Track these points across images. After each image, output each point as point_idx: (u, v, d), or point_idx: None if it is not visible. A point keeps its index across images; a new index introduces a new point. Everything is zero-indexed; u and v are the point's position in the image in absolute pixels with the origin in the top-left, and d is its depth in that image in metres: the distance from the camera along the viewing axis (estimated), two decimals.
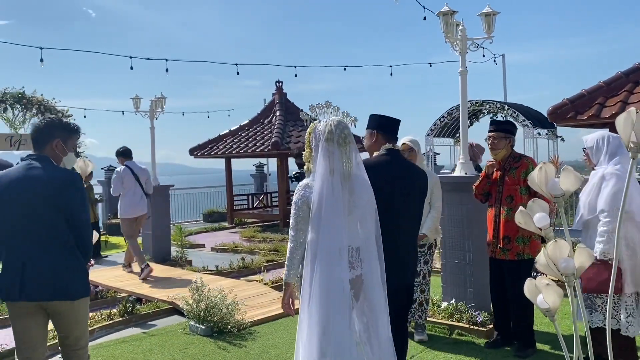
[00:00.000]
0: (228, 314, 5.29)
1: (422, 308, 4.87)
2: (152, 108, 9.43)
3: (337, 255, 2.81)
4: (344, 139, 2.92)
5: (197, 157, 15.49)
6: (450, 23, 5.13)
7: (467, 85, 5.24)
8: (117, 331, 5.50)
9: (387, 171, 3.34)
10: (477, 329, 4.87)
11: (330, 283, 2.78)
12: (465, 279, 5.16)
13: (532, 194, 4.32)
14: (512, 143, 4.57)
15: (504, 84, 14.56)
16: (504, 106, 11.82)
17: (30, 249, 2.97)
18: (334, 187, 2.86)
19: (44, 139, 3.15)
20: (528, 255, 4.40)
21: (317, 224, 2.84)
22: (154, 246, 9.48)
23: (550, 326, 5.15)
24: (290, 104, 15.56)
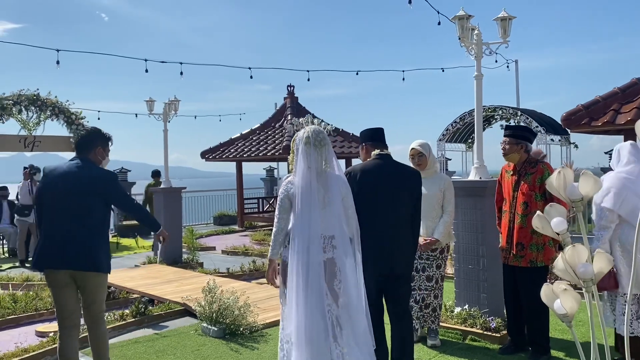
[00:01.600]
0: (240, 316, 5.30)
1: (435, 313, 4.83)
2: (165, 111, 9.49)
3: (309, 240, 3.35)
4: (319, 142, 3.47)
5: (209, 160, 15.55)
6: (465, 27, 5.11)
7: (482, 90, 5.23)
8: (130, 332, 5.53)
9: (372, 173, 3.82)
10: (490, 334, 4.84)
11: (304, 263, 3.33)
12: (478, 285, 5.13)
13: (547, 200, 4.30)
14: (527, 149, 4.52)
15: (517, 89, 14.49)
16: (517, 112, 11.77)
17: (71, 228, 3.68)
18: (310, 182, 3.41)
19: (88, 146, 3.94)
20: (541, 262, 4.37)
21: (296, 213, 3.42)
22: (165, 248, 9.51)
23: (565, 333, 5.10)
24: (302, 108, 15.61)
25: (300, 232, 3.38)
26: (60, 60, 8.94)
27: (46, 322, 5.97)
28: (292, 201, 3.45)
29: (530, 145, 4.60)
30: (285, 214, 3.49)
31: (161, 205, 9.66)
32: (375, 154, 3.95)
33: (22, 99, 13.10)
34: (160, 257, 6.80)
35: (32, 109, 13.34)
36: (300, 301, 3.30)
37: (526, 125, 11.11)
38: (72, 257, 3.67)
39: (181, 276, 7.85)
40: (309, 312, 3.29)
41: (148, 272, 8.23)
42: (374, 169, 3.86)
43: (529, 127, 6.51)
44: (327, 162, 3.48)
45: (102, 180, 3.82)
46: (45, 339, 5.03)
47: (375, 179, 3.82)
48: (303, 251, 3.35)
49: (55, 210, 3.73)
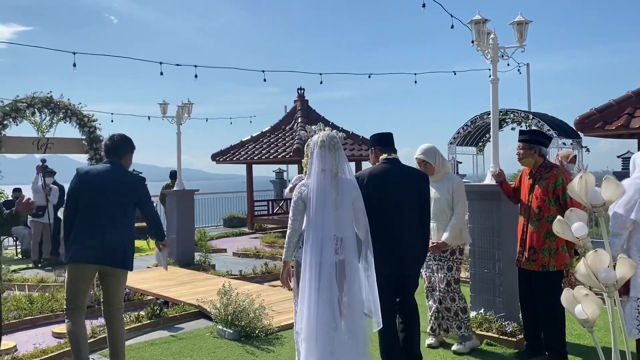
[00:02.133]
0: (255, 318, 5.32)
1: (458, 317, 4.75)
2: (179, 113, 9.54)
3: (322, 242, 3.52)
4: (333, 146, 3.67)
5: (220, 163, 15.60)
6: (482, 32, 5.12)
7: (498, 94, 5.23)
8: (145, 333, 5.56)
9: (380, 176, 4.02)
10: (506, 339, 4.83)
11: (317, 263, 3.50)
12: (494, 289, 5.13)
13: (561, 205, 4.31)
14: (541, 153, 4.52)
15: (528, 93, 14.45)
16: (529, 115, 11.74)
17: (108, 226, 4.01)
18: (324, 184, 3.59)
19: (121, 151, 4.27)
20: (553, 267, 4.35)
21: (310, 215, 3.60)
22: (177, 250, 9.56)
23: (582, 338, 5.09)
24: (312, 111, 15.64)
25: (314, 233, 3.54)
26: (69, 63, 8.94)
27: (62, 323, 6.01)
28: (305, 203, 3.63)
29: (545, 149, 4.59)
30: (299, 215, 3.68)
31: (174, 207, 9.71)
32: (383, 158, 4.13)
33: (36, 101, 13.22)
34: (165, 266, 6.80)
35: (45, 112, 13.47)
36: (313, 300, 3.47)
37: (538, 129, 11.09)
38: (108, 254, 4.02)
39: (194, 278, 7.89)
40: (320, 311, 3.46)
41: (161, 274, 8.27)
42: (381, 173, 4.05)
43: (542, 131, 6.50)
44: (340, 166, 3.67)
45: (136, 183, 4.24)
46: (63, 340, 5.07)
47: (383, 183, 4.00)
48: (317, 252, 3.51)
49: (92, 208, 4.03)
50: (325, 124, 15.31)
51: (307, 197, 3.61)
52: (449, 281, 4.75)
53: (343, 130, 15.13)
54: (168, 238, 9.99)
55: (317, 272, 3.49)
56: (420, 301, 4.53)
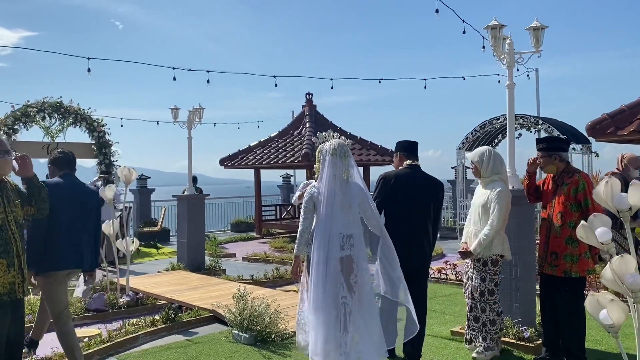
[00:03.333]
0: (271, 323, 5.32)
1: (485, 329, 4.67)
2: (190, 118, 9.58)
3: (329, 239, 3.89)
4: (344, 154, 4.02)
5: (228, 168, 15.64)
6: (498, 37, 5.13)
7: (514, 98, 5.24)
8: (160, 338, 5.56)
9: (404, 179, 4.46)
10: (524, 344, 4.82)
11: (324, 258, 3.87)
12: (511, 294, 5.11)
13: (583, 211, 4.29)
14: (561, 158, 4.51)
15: (537, 98, 14.44)
16: (538, 121, 11.73)
17: (81, 234, 4.40)
18: (335, 188, 3.95)
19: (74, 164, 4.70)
20: (576, 273, 4.33)
21: (319, 215, 3.96)
22: (188, 255, 9.58)
23: (599, 344, 5.07)
24: (320, 116, 15.67)
25: (322, 231, 3.93)
26: (80, 67, 9.03)
27: (77, 327, 6.01)
28: (315, 204, 4.00)
29: (565, 154, 4.58)
30: (309, 214, 4.04)
31: (184, 212, 9.73)
32: (407, 164, 4.57)
33: (46, 106, 13.31)
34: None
35: (55, 117, 13.55)
36: (319, 290, 3.86)
37: (549, 134, 11.07)
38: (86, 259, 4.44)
39: (206, 283, 7.90)
40: (326, 301, 3.85)
41: (172, 279, 8.28)
42: (406, 176, 4.50)
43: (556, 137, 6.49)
44: (350, 171, 4.02)
45: (97, 193, 4.92)
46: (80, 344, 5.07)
47: (406, 185, 4.44)
48: (324, 247, 3.90)
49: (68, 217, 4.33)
50: (333, 129, 15.37)
51: (318, 198, 3.98)
52: (482, 291, 4.66)
53: (351, 136, 15.17)
54: (178, 243, 10.07)
55: (324, 266, 3.89)
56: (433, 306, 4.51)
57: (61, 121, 13.64)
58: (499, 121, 12.13)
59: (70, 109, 13.58)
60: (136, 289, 7.17)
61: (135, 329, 5.50)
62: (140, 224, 14.74)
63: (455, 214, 14.33)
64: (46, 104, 13.26)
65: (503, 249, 4.65)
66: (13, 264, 3.33)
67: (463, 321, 5.73)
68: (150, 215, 15.53)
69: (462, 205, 13.31)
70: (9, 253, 3.31)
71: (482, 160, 4.65)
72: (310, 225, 4.04)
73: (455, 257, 9.95)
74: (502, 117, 12.06)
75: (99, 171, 13.29)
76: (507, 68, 5.23)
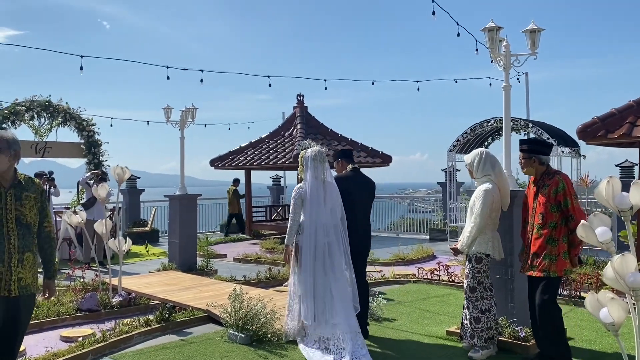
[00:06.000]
0: (267, 322, 5.30)
1: (471, 326, 4.77)
2: (182, 118, 9.52)
3: (316, 228, 4.95)
4: (322, 159, 5.09)
5: (218, 168, 15.58)
6: (494, 39, 5.18)
7: (510, 100, 5.28)
8: (155, 338, 5.51)
9: (352, 180, 5.41)
10: (520, 343, 4.84)
11: (313, 244, 4.95)
12: (506, 294, 5.15)
13: (562, 211, 4.36)
14: (541, 161, 4.54)
15: (527, 101, 14.59)
16: (528, 124, 11.84)
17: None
18: (317, 187, 5.01)
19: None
20: (554, 273, 4.36)
21: (306, 210, 4.99)
22: (180, 255, 9.52)
23: (592, 343, 5.12)
24: (311, 117, 15.68)
25: (310, 222, 4.95)
26: (69, 67, 8.95)
27: (69, 327, 5.97)
28: (303, 200, 4.99)
29: (545, 157, 4.57)
30: (298, 210, 5.05)
31: (177, 212, 9.67)
32: (351, 167, 5.52)
33: (35, 105, 13.18)
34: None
35: (44, 115, 13.42)
36: (309, 270, 4.93)
37: (537, 137, 11.17)
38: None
39: (199, 283, 7.85)
40: (316, 278, 4.91)
41: (164, 279, 8.22)
42: (353, 178, 5.45)
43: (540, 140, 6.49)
44: (326, 173, 5.05)
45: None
46: (73, 344, 5.02)
47: (355, 184, 5.40)
48: (312, 235, 4.94)
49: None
50: (324, 130, 15.38)
51: (304, 196, 4.98)
52: (466, 289, 4.79)
53: (342, 137, 15.20)
54: (170, 243, 10.00)
55: (314, 251, 4.94)
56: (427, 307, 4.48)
57: (50, 120, 13.52)
58: (490, 124, 12.23)
59: (59, 108, 13.46)
60: (128, 289, 7.11)
61: (130, 329, 5.45)
62: (129, 224, 14.62)
63: (445, 216, 14.40)
64: (35, 103, 13.13)
65: (487, 248, 4.74)
66: (2, 260, 3.27)
67: (457, 321, 5.77)
68: (140, 216, 15.42)
69: (452, 208, 13.38)
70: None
71: (474, 162, 4.79)
72: (299, 219, 5.01)
73: (447, 258, 10.02)
74: (492, 119, 12.16)
75: (89, 169, 13.16)
76: (504, 70, 5.28)
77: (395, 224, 18.12)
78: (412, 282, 8.23)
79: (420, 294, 7.47)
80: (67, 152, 13.94)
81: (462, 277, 7.86)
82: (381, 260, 10.28)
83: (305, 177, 5.02)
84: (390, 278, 8.38)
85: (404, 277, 8.46)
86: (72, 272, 7.56)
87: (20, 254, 3.33)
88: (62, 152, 13.81)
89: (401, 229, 17.04)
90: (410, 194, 38.00)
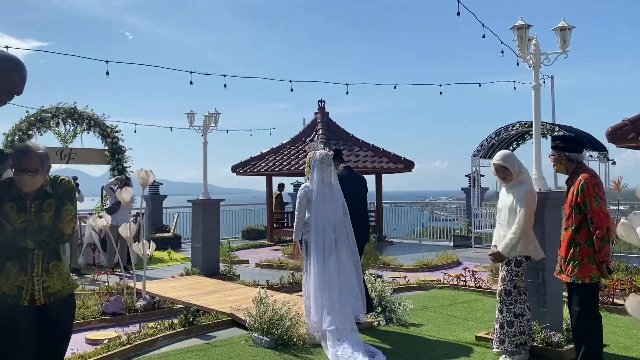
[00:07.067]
0: (292, 326, 5.23)
1: (503, 331, 4.61)
2: (205, 123, 9.55)
3: (323, 225, 5.28)
4: (328, 162, 5.42)
5: (240, 174, 15.61)
6: (524, 37, 5.07)
7: (540, 99, 5.17)
8: (179, 341, 5.47)
9: (347, 177, 5.91)
10: (552, 349, 4.70)
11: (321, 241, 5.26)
12: (538, 299, 5.00)
13: (584, 214, 4.12)
14: (570, 159, 4.31)
15: (553, 105, 14.35)
16: (554, 127, 11.63)
17: None
18: (324, 188, 5.35)
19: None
20: (578, 279, 4.13)
21: (312, 209, 5.32)
22: (203, 260, 9.51)
23: (629, 350, 4.95)
24: (332, 123, 15.64)
25: (316, 220, 5.27)
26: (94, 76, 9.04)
27: (94, 330, 5.97)
28: (309, 200, 5.32)
29: (575, 155, 4.33)
30: (303, 208, 5.37)
31: (200, 217, 9.68)
32: (343, 166, 6.14)
33: (60, 111, 13.34)
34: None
35: (69, 122, 13.58)
36: (319, 265, 5.19)
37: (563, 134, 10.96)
38: None
39: (222, 287, 7.82)
40: (325, 273, 5.18)
41: (187, 283, 8.21)
42: (348, 175, 5.99)
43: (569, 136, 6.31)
44: (332, 175, 5.42)
45: None
46: (99, 346, 5.01)
47: (351, 180, 5.93)
48: (320, 232, 5.26)
49: None
50: (345, 136, 15.33)
51: (311, 195, 5.32)
52: (500, 291, 4.63)
53: (363, 143, 15.12)
54: (194, 247, 10.01)
55: (322, 245, 5.23)
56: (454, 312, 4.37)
57: (75, 127, 13.68)
58: (515, 128, 12.05)
59: (84, 115, 13.61)
60: (152, 292, 7.10)
61: (154, 332, 5.43)
62: (152, 230, 14.70)
63: (469, 223, 14.19)
64: (60, 110, 13.29)
65: (529, 250, 4.59)
66: (25, 270, 3.21)
67: (486, 326, 5.64)
68: (162, 222, 15.50)
69: (477, 214, 13.17)
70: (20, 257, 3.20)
71: (513, 162, 4.63)
72: (304, 216, 5.36)
73: (473, 264, 9.84)
74: (517, 124, 11.98)
75: (112, 175, 13.27)
76: (533, 69, 5.16)
77: (418, 231, 17.95)
78: (437, 287, 8.09)
79: (447, 299, 7.33)
80: (92, 159, 14.07)
81: (489, 282, 7.71)
82: (405, 266, 10.15)
83: (312, 178, 5.36)
84: (415, 284, 8.25)
85: (429, 283, 8.32)
86: (97, 277, 7.59)
87: (45, 263, 3.23)
88: (87, 159, 13.95)
89: (424, 236, 16.85)
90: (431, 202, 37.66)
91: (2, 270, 3.14)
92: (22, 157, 3.14)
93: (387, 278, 8.11)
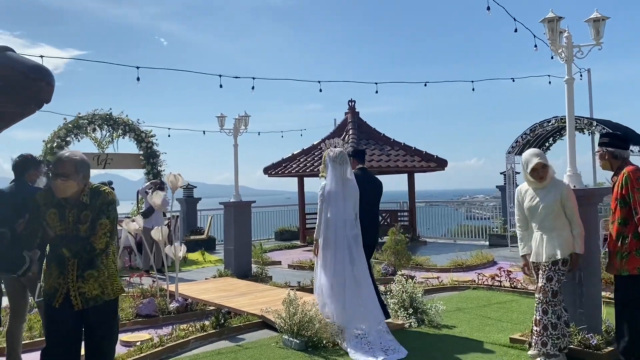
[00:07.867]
0: (322, 328, 5.20)
1: (546, 333, 4.45)
2: (236, 126, 9.62)
3: (337, 222, 5.42)
4: (344, 161, 5.55)
5: (272, 176, 15.68)
6: (555, 30, 4.92)
7: (573, 93, 5.00)
8: (211, 343, 5.52)
9: (362, 178, 5.86)
10: (591, 352, 4.54)
11: (334, 237, 5.41)
12: (575, 299, 4.83)
13: (629, 206, 4.15)
14: (613, 155, 4.35)
15: (590, 99, 13.91)
16: (592, 122, 11.28)
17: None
18: (338, 185, 5.47)
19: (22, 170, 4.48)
20: (626, 271, 4.16)
21: (330, 206, 5.46)
22: (235, 261, 9.58)
23: None
24: (363, 123, 15.55)
25: (334, 217, 5.41)
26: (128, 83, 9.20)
27: (128, 332, 6.06)
28: (326, 197, 5.45)
29: (620, 151, 4.36)
30: (325, 207, 5.48)
31: (231, 219, 9.76)
32: (359, 167, 6.07)
33: (96, 118, 13.67)
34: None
35: (105, 128, 13.91)
36: (331, 261, 5.37)
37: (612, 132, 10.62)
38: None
39: (254, 289, 7.86)
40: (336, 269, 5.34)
41: (220, 285, 8.28)
42: (363, 176, 5.94)
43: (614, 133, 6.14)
44: (346, 172, 5.52)
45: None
46: (132, 348, 5.09)
47: (366, 181, 5.92)
48: (335, 229, 5.40)
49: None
50: (376, 135, 15.23)
51: (329, 193, 5.44)
52: (547, 291, 4.46)
53: (395, 142, 14.99)
54: (226, 249, 10.11)
55: (334, 242, 5.39)
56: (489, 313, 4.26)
57: (111, 132, 14.00)
58: (550, 124, 11.72)
59: (119, 120, 13.92)
60: (185, 294, 7.18)
61: (186, 334, 5.49)
62: (186, 232, 14.90)
63: (505, 221, 13.89)
64: (96, 116, 13.63)
65: (576, 247, 4.50)
66: (64, 274, 3.28)
67: (521, 328, 5.49)
68: (197, 224, 15.70)
69: (513, 212, 12.87)
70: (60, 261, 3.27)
71: (547, 159, 4.54)
72: (326, 215, 5.45)
73: (508, 264, 9.63)
74: (553, 119, 11.65)
75: (147, 179, 13.52)
76: (565, 62, 5.00)
77: (453, 230, 17.68)
78: (471, 288, 7.93)
79: (481, 300, 7.18)
80: (127, 163, 14.38)
81: (525, 282, 7.51)
82: (438, 267, 10.01)
83: (328, 176, 5.49)
84: (448, 284, 8.11)
85: (462, 284, 8.17)
86: (131, 279, 7.72)
87: (80, 271, 3.28)
88: (122, 163, 14.25)
89: (459, 235, 16.59)
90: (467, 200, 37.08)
91: (50, 268, 3.31)
92: (56, 162, 3.24)
93: (420, 279, 8.00)
